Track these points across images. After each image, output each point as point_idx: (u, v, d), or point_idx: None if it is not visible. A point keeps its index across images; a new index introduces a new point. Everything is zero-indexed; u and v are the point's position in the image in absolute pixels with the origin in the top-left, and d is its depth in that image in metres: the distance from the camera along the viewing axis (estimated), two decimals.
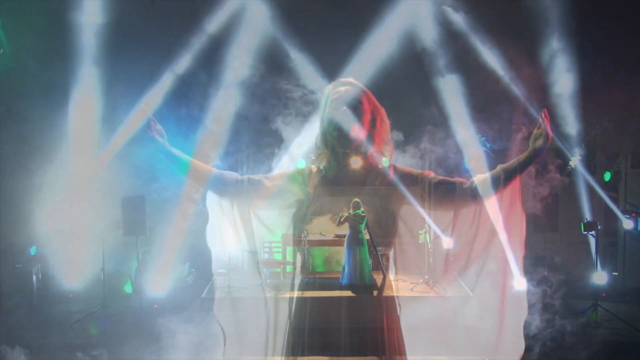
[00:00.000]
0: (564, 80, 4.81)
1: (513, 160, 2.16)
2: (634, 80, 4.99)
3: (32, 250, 5.83)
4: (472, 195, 2.19)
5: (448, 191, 2.22)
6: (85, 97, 5.09)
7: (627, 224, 5.76)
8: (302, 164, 2.38)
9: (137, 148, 5.31)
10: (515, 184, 2.18)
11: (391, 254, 2.24)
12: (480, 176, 2.20)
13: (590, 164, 6.05)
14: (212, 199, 2.30)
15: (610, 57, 4.95)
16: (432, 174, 2.26)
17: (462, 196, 2.21)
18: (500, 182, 2.15)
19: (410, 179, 2.25)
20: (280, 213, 2.34)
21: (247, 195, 2.26)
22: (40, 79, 5.08)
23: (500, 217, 2.20)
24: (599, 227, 5.35)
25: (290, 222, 2.28)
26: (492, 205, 2.20)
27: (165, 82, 4.96)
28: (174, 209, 5.29)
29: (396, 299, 2.18)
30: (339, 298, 2.09)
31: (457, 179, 2.25)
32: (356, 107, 2.19)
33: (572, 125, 4.98)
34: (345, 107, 2.18)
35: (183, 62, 4.93)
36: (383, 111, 2.27)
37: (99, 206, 5.58)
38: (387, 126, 2.28)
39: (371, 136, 2.22)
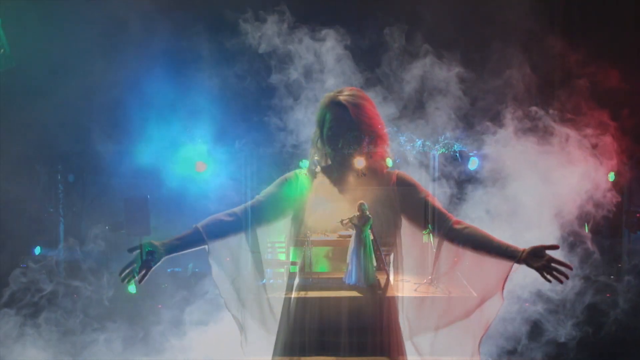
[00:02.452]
0: (561, 78, 4.78)
1: (495, 242, 2.18)
2: (635, 78, 4.96)
3: (36, 250, 5.86)
4: (458, 241, 2.24)
5: (439, 223, 2.25)
6: (85, 96, 5.09)
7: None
8: (305, 165, 2.40)
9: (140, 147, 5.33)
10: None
11: (395, 254, 2.25)
12: (470, 229, 2.22)
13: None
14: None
15: (612, 55, 4.93)
16: (431, 198, 2.28)
17: (447, 234, 2.24)
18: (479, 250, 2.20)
19: (412, 190, 2.27)
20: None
21: (252, 222, 2.30)
22: (40, 78, 5.09)
23: None
24: (602, 227, 5.33)
25: (293, 223, 2.29)
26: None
27: (168, 77, 4.96)
28: (179, 209, 5.31)
29: (399, 300, 2.19)
30: (342, 298, 2.09)
31: (451, 216, 2.27)
32: (357, 115, 2.21)
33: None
34: (344, 135, 2.22)
35: (183, 56, 4.93)
36: (382, 122, 2.30)
37: (103, 206, 5.60)
38: (386, 136, 2.32)
39: (370, 147, 2.25)
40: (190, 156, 5.48)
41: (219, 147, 5.39)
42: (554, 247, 2.08)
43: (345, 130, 2.22)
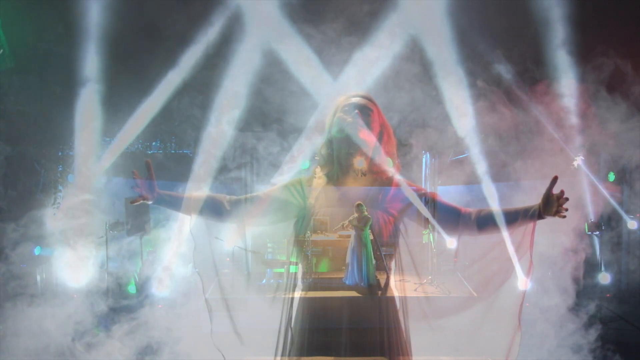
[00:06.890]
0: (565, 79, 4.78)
1: (513, 211, 2.14)
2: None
3: (36, 251, 5.85)
4: (478, 226, 2.20)
5: (451, 217, 2.23)
6: (88, 95, 5.08)
7: (631, 224, 5.75)
8: (306, 165, 2.39)
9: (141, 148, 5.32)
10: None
11: (395, 254, 2.25)
12: (486, 210, 2.20)
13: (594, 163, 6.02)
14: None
15: (614, 55, 4.93)
16: (437, 197, 2.27)
17: (465, 225, 2.22)
18: (502, 225, 2.15)
19: (413, 195, 2.26)
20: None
21: (246, 215, 2.29)
22: (42, 78, 5.09)
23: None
24: (602, 227, 5.34)
25: (294, 224, 2.29)
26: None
27: (169, 83, 4.95)
28: None
29: (400, 300, 2.19)
30: (343, 298, 2.09)
31: (462, 208, 2.25)
32: (367, 114, 2.24)
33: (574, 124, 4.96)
34: (357, 111, 2.22)
35: (187, 65, 4.91)
36: (391, 129, 2.33)
37: (103, 206, 5.59)
38: (394, 142, 2.34)
39: (377, 148, 2.25)
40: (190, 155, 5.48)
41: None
42: (554, 182, 2.03)
43: (360, 106, 2.25)
